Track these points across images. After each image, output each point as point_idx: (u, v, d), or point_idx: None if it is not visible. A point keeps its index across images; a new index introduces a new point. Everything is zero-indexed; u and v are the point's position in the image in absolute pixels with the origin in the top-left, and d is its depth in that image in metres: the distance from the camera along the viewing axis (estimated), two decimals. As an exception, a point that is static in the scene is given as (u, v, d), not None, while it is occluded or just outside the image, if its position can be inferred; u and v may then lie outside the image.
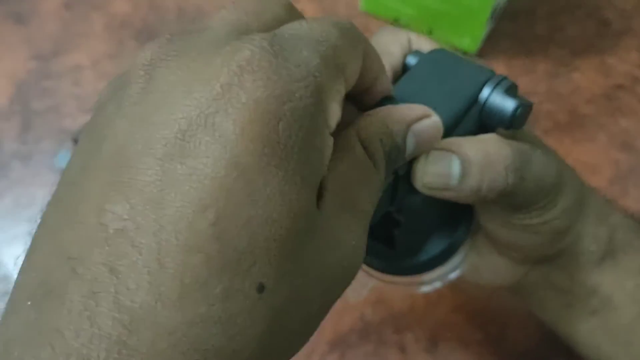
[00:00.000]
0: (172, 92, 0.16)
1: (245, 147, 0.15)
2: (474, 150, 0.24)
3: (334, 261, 0.18)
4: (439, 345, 0.42)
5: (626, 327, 0.31)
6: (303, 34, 0.18)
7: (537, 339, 0.42)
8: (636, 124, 0.51)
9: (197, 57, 0.17)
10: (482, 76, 0.26)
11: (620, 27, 0.56)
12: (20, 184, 0.49)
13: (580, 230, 0.30)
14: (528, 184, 0.26)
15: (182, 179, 0.15)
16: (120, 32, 0.56)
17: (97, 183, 0.16)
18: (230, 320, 0.14)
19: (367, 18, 0.57)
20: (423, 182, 0.24)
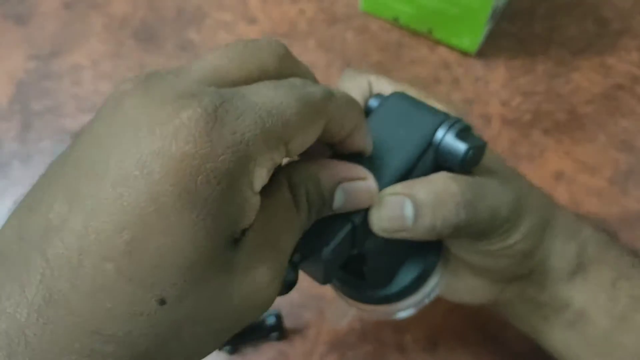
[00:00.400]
0: (128, 126, 0.19)
1: (165, 189, 0.18)
2: (424, 192, 0.26)
3: (245, 292, 0.20)
4: (438, 345, 0.42)
5: (602, 338, 0.32)
6: (258, 102, 0.20)
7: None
8: (636, 123, 0.51)
9: (158, 101, 0.19)
10: (437, 119, 0.27)
11: (620, 27, 0.56)
12: (20, 184, 0.49)
13: (548, 248, 0.31)
14: (482, 215, 0.27)
15: (111, 201, 0.18)
16: (120, 32, 0.56)
17: (59, 185, 0.20)
18: (131, 318, 0.18)
19: (366, 18, 0.57)
20: (380, 226, 0.26)
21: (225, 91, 0.20)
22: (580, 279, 0.32)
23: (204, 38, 0.56)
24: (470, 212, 0.26)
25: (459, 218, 0.26)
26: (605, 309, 0.32)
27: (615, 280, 0.32)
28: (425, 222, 0.26)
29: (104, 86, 0.54)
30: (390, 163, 0.26)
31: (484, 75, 0.53)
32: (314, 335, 0.43)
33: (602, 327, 0.32)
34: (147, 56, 0.55)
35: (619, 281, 0.32)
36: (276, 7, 0.57)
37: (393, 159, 0.26)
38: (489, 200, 0.27)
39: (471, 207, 0.26)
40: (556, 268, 0.32)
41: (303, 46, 0.55)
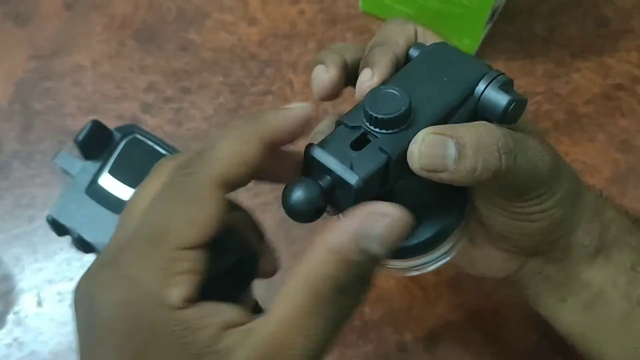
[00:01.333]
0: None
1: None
2: (467, 134, 0.25)
3: None
4: (439, 344, 0.42)
5: (618, 322, 0.32)
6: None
7: (536, 338, 0.42)
8: (635, 123, 0.51)
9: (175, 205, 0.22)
10: (480, 70, 0.27)
11: (620, 27, 0.56)
12: (20, 184, 0.49)
13: (574, 223, 0.31)
14: (523, 166, 0.26)
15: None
16: (120, 32, 0.56)
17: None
18: None
19: (366, 18, 0.57)
20: (420, 163, 0.25)
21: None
22: (602, 259, 0.31)
23: (204, 38, 0.56)
24: (510, 159, 0.26)
25: (500, 163, 0.25)
26: (624, 292, 0.31)
27: (635, 264, 0.31)
28: (466, 164, 0.25)
29: (104, 86, 0.54)
30: (429, 108, 0.26)
31: (483, 75, 0.53)
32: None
33: (619, 310, 0.31)
34: (147, 56, 0.55)
35: (639, 265, 0.31)
36: (276, 8, 0.57)
37: (433, 104, 0.26)
38: (530, 155, 0.27)
39: (513, 155, 0.26)
40: (579, 245, 0.31)
41: (303, 46, 0.55)
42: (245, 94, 0.53)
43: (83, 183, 0.47)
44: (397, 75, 0.28)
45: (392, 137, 0.25)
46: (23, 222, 0.48)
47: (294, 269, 0.21)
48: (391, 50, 0.29)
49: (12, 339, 0.44)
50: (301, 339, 0.20)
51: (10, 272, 0.46)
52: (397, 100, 0.25)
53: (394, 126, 0.25)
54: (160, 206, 0.22)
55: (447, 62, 0.28)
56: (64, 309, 0.44)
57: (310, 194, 0.24)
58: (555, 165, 0.28)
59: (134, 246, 0.22)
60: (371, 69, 0.28)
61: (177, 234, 0.21)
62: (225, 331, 0.21)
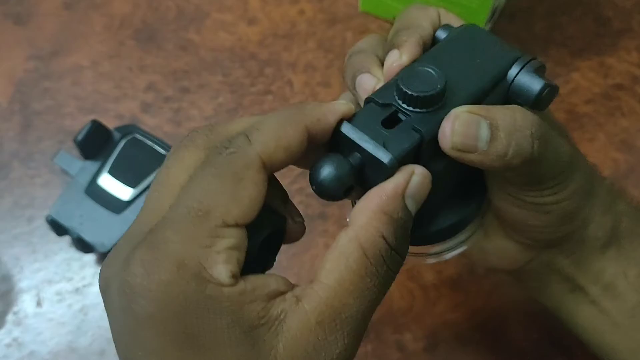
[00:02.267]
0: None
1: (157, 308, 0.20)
2: (501, 115, 0.25)
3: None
4: (438, 344, 0.42)
5: (628, 315, 0.32)
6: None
7: (536, 338, 0.42)
8: (635, 123, 0.51)
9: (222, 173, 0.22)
10: (512, 54, 0.27)
11: (620, 27, 0.56)
12: (20, 184, 0.49)
13: (587, 215, 0.31)
14: (548, 155, 0.26)
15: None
16: (120, 32, 0.56)
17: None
18: None
19: (366, 18, 0.57)
20: (452, 141, 0.24)
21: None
22: (614, 252, 0.31)
23: (204, 38, 0.56)
24: (542, 145, 0.25)
25: (532, 149, 0.25)
26: (635, 284, 0.31)
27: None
28: (498, 147, 0.25)
29: (104, 86, 0.54)
30: (462, 89, 0.25)
31: (483, 75, 0.53)
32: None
33: (629, 302, 0.31)
34: (147, 56, 0.55)
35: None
36: (276, 7, 0.57)
37: (465, 85, 0.25)
38: (555, 142, 0.27)
39: (544, 140, 0.26)
40: (592, 237, 0.31)
41: (303, 46, 0.55)
42: (245, 93, 0.53)
43: (82, 183, 0.47)
44: (428, 55, 0.27)
45: (425, 117, 0.24)
46: (22, 222, 0.48)
47: (339, 237, 0.22)
48: (417, 32, 0.28)
49: (12, 339, 0.44)
50: (355, 301, 0.21)
51: (10, 272, 0.46)
52: (433, 78, 0.24)
53: (429, 105, 0.24)
54: (203, 183, 0.22)
55: (478, 45, 0.27)
56: (64, 309, 0.44)
57: (341, 171, 0.23)
58: (573, 158, 0.28)
59: (175, 224, 0.21)
60: (398, 49, 0.27)
61: (222, 210, 0.21)
62: (273, 300, 0.21)
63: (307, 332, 0.21)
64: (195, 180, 0.22)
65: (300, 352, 0.21)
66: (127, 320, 0.21)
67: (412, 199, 0.23)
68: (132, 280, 0.21)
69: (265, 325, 0.21)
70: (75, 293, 0.45)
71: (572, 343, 0.42)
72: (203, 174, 0.22)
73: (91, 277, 0.46)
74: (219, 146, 0.23)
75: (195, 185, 0.22)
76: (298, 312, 0.21)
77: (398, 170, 0.23)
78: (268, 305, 0.21)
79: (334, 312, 0.21)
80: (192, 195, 0.22)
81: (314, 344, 0.21)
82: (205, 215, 0.21)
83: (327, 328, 0.21)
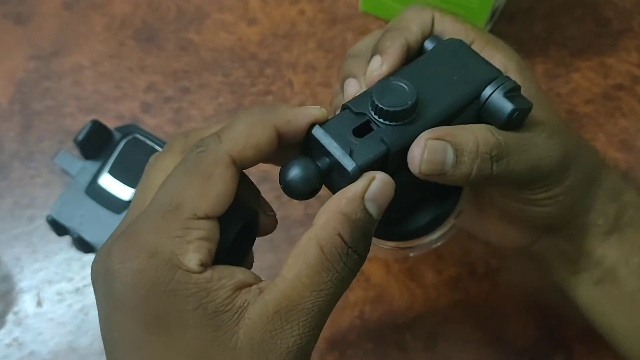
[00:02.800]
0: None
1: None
2: (465, 140, 0.26)
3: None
4: (438, 343, 0.42)
5: (628, 299, 0.33)
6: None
7: (536, 337, 0.42)
8: (635, 123, 0.51)
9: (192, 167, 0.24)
10: (489, 74, 0.28)
11: (620, 27, 0.56)
12: (20, 184, 0.49)
13: (589, 204, 0.32)
14: (519, 169, 0.28)
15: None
16: (120, 32, 0.56)
17: None
18: None
19: (366, 18, 0.57)
20: (420, 169, 0.26)
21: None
22: (616, 239, 0.33)
23: (204, 38, 0.56)
24: (502, 166, 0.27)
25: (491, 170, 0.27)
26: (635, 271, 0.33)
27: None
28: (463, 170, 0.26)
29: (104, 86, 0.54)
30: (435, 105, 0.27)
31: (483, 75, 0.53)
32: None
33: (629, 288, 0.33)
34: (147, 56, 0.55)
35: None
36: (276, 8, 0.57)
37: (439, 101, 0.27)
38: (529, 155, 0.28)
39: (506, 161, 0.27)
40: (593, 225, 0.32)
41: (303, 47, 0.55)
42: (245, 93, 0.53)
43: (83, 183, 0.47)
44: (408, 67, 0.28)
45: (394, 129, 0.25)
46: (23, 222, 0.48)
47: (304, 234, 0.24)
48: (403, 36, 0.29)
49: (12, 339, 0.44)
50: (312, 294, 0.23)
51: (10, 272, 0.46)
52: (404, 94, 0.25)
53: (398, 119, 0.25)
54: (176, 180, 0.24)
55: (459, 61, 0.28)
56: (64, 309, 0.44)
57: (307, 174, 0.25)
58: (564, 157, 0.29)
59: (150, 217, 0.23)
60: (381, 56, 0.29)
61: (192, 204, 0.23)
62: (239, 291, 0.23)
63: (265, 321, 0.22)
64: (168, 179, 0.24)
65: (258, 339, 0.22)
66: (107, 303, 0.23)
67: (373, 202, 0.24)
68: (111, 267, 0.23)
69: (228, 312, 0.22)
70: (76, 293, 0.45)
71: (572, 342, 0.42)
72: (175, 172, 0.24)
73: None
74: (195, 146, 0.25)
75: (168, 183, 0.24)
76: (259, 302, 0.22)
77: (362, 176, 0.25)
78: (233, 295, 0.22)
79: (291, 304, 0.22)
80: (165, 192, 0.24)
81: (270, 331, 0.22)
82: (177, 209, 0.23)
83: (284, 318, 0.22)
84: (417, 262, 0.45)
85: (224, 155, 0.24)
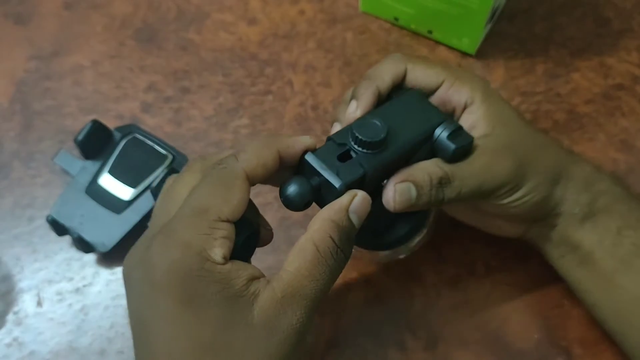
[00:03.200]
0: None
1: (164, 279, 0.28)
2: (421, 178, 0.34)
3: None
4: (438, 344, 0.42)
5: (606, 278, 0.38)
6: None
7: (536, 338, 0.42)
8: (635, 123, 0.51)
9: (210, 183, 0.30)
10: (438, 119, 0.35)
11: (620, 27, 0.56)
12: (20, 184, 0.49)
13: (560, 197, 0.38)
14: (466, 190, 0.35)
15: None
16: (120, 32, 0.57)
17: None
18: None
19: (366, 18, 0.57)
20: (393, 207, 0.34)
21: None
22: (589, 225, 0.38)
23: (204, 38, 0.56)
24: (451, 191, 0.35)
25: (443, 195, 0.35)
26: (610, 252, 0.37)
27: (621, 228, 0.37)
28: (424, 199, 0.34)
29: (104, 86, 0.54)
30: (400, 140, 0.34)
31: (483, 75, 0.53)
32: (314, 333, 0.43)
33: (606, 268, 0.37)
34: (147, 56, 0.55)
35: (625, 230, 0.37)
36: (276, 8, 0.57)
37: (404, 136, 0.34)
38: (473, 178, 0.35)
39: (453, 187, 0.35)
40: (568, 213, 0.38)
41: (303, 46, 0.55)
42: (245, 93, 0.53)
43: (83, 183, 0.47)
44: (381, 109, 0.35)
45: (369, 156, 0.32)
46: (23, 222, 0.48)
47: (302, 236, 0.30)
48: (375, 85, 0.37)
49: (12, 339, 0.44)
50: (310, 283, 0.28)
51: (10, 272, 0.46)
52: (378, 129, 0.32)
53: (373, 148, 0.32)
54: (203, 189, 0.29)
55: (418, 107, 0.36)
56: (64, 309, 0.44)
57: (302, 190, 0.31)
58: (518, 168, 0.36)
59: (183, 218, 0.29)
60: (357, 101, 0.36)
61: (217, 209, 0.28)
62: (252, 281, 0.28)
63: (274, 304, 0.28)
64: (196, 189, 0.30)
65: (267, 319, 0.28)
66: (144, 288, 0.28)
67: (355, 214, 0.31)
68: (151, 259, 0.28)
69: (244, 297, 0.28)
70: (76, 293, 0.45)
71: (572, 343, 0.42)
72: (202, 184, 0.30)
73: (91, 277, 0.46)
74: (213, 165, 0.30)
75: (196, 192, 0.29)
76: (268, 290, 0.28)
77: (346, 193, 0.31)
78: (247, 284, 0.28)
79: (294, 290, 0.28)
80: (194, 199, 0.29)
81: (279, 311, 0.28)
82: (205, 212, 0.28)
83: (288, 301, 0.28)
84: (417, 262, 0.45)
85: (241, 171, 0.30)
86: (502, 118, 0.37)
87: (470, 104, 0.37)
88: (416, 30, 0.55)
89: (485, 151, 0.36)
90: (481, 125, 0.37)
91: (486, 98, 0.37)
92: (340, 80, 0.53)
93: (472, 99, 0.37)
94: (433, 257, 0.45)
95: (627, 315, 0.37)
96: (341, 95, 0.53)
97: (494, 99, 0.38)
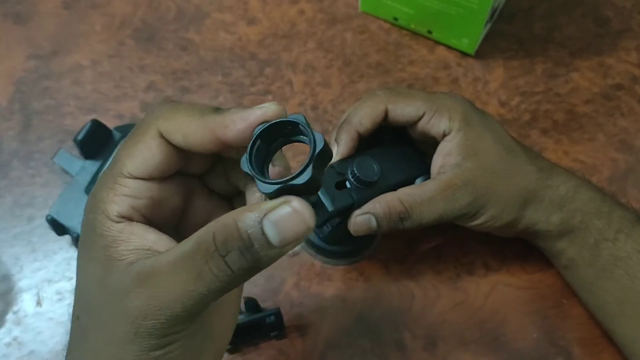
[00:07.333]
0: None
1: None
2: (380, 211, 0.38)
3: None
4: (438, 343, 0.42)
5: (589, 283, 0.41)
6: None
7: (535, 338, 0.43)
8: (635, 123, 0.51)
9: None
10: (420, 171, 0.42)
11: (620, 27, 0.56)
12: (20, 183, 0.49)
13: (532, 217, 0.40)
14: (425, 220, 0.38)
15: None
16: (120, 32, 0.57)
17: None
18: None
19: (366, 18, 0.57)
20: (357, 232, 0.39)
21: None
22: (567, 239, 0.41)
23: (204, 38, 0.56)
24: (410, 222, 0.38)
25: (402, 225, 0.39)
26: (589, 262, 0.40)
27: (598, 241, 0.39)
28: (382, 228, 0.39)
29: (104, 85, 0.54)
30: (388, 179, 0.40)
31: (483, 75, 0.53)
32: (313, 334, 0.43)
33: (586, 275, 0.41)
34: (146, 56, 0.55)
35: (603, 243, 0.39)
36: (276, 8, 0.57)
37: (391, 177, 0.40)
38: (432, 211, 0.38)
39: (412, 219, 0.38)
40: (543, 231, 0.41)
41: (303, 46, 0.55)
42: (245, 93, 0.53)
43: (82, 182, 0.47)
44: (377, 152, 0.40)
45: (360, 190, 0.38)
46: (22, 222, 0.48)
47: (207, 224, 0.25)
48: (354, 129, 0.40)
49: (12, 339, 0.44)
50: (172, 277, 0.24)
51: (10, 272, 0.46)
52: (374, 171, 0.39)
53: (366, 185, 0.38)
54: (123, 143, 0.29)
55: (408, 157, 0.42)
56: (64, 308, 0.44)
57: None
58: (474, 201, 0.39)
59: (105, 170, 0.28)
60: (337, 146, 0.40)
61: (121, 163, 0.27)
62: (138, 251, 0.26)
63: (128, 282, 0.25)
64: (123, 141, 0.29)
65: (116, 294, 0.25)
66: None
67: (274, 226, 0.23)
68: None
69: (120, 262, 0.26)
70: (75, 292, 0.45)
71: (570, 343, 0.42)
72: (127, 136, 0.29)
73: (91, 277, 0.46)
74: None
75: (120, 144, 0.30)
76: (138, 265, 0.25)
77: (279, 197, 0.24)
78: (131, 250, 0.26)
79: (155, 276, 0.25)
80: (116, 150, 0.30)
81: (124, 294, 0.25)
82: (113, 166, 0.28)
83: (145, 283, 0.25)
84: (417, 262, 0.45)
85: (154, 128, 0.27)
86: (473, 148, 0.39)
87: (448, 133, 0.40)
88: (416, 30, 0.55)
89: (448, 185, 0.39)
90: (454, 154, 0.39)
91: (463, 127, 0.39)
92: (340, 80, 0.53)
93: (449, 128, 0.40)
94: (433, 257, 0.46)
95: (612, 314, 0.40)
96: (341, 95, 0.53)
97: (471, 127, 0.40)
